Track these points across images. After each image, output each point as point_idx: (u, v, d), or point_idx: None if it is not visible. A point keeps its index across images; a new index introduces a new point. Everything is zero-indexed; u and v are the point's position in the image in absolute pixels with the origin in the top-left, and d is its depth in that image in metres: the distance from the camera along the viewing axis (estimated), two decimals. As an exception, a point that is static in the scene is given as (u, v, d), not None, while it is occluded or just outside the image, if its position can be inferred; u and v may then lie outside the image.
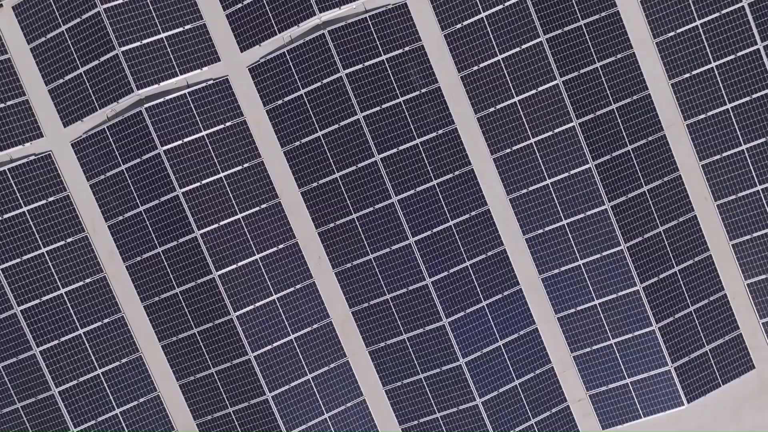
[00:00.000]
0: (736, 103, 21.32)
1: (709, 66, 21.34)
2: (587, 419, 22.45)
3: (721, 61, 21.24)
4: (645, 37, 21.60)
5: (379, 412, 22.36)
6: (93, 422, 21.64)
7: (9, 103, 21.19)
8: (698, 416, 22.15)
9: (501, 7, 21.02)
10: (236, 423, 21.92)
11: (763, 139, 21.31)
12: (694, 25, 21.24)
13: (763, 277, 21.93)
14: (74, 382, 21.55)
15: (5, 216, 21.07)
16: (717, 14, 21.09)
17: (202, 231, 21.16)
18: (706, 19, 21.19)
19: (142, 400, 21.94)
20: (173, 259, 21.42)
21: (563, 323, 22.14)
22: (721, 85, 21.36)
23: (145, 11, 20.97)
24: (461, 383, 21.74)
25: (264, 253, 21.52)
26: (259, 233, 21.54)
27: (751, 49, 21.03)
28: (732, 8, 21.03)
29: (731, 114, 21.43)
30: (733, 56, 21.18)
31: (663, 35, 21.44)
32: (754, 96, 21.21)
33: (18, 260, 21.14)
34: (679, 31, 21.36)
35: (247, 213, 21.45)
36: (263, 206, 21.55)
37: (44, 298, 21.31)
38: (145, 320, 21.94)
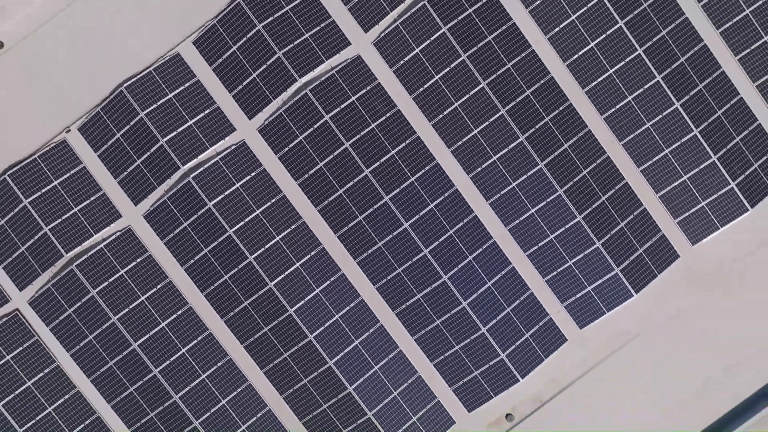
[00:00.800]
0: (615, 68, 28.56)
1: (589, 47, 28.61)
2: (567, 324, 29.62)
3: (597, 41, 28.48)
4: (539, 37, 28.74)
5: (413, 357, 29.39)
6: (208, 414, 28.96)
7: (92, 198, 28.51)
8: (646, 301, 29.33)
9: (429, 42, 28.31)
10: (312, 390, 29.22)
11: (641, 89, 28.59)
12: (571, 19, 28.52)
13: (670, 187, 29.16)
14: (188, 388, 28.88)
15: (110, 280, 28.42)
16: (585, 8, 28.41)
17: (254, 255, 28.50)
18: (578, 13, 28.43)
19: (239, 390, 29.21)
20: (238, 281, 28.74)
21: (532, 258, 29.34)
22: (601, 57, 28.64)
23: (174, 108, 28.27)
24: (468, 320, 29.04)
25: (302, 261, 28.81)
26: (295, 247, 28.82)
27: (615, 27, 28.35)
28: (595, 1, 28.35)
29: (614, 77, 28.69)
30: (604, 35, 28.45)
31: (551, 31, 28.68)
32: (626, 60, 28.49)
33: (126, 310, 28.48)
34: (561, 25, 28.55)
35: (282, 235, 28.74)
36: (293, 227, 28.83)
37: (151, 333, 28.65)
38: (227, 331, 29.14)
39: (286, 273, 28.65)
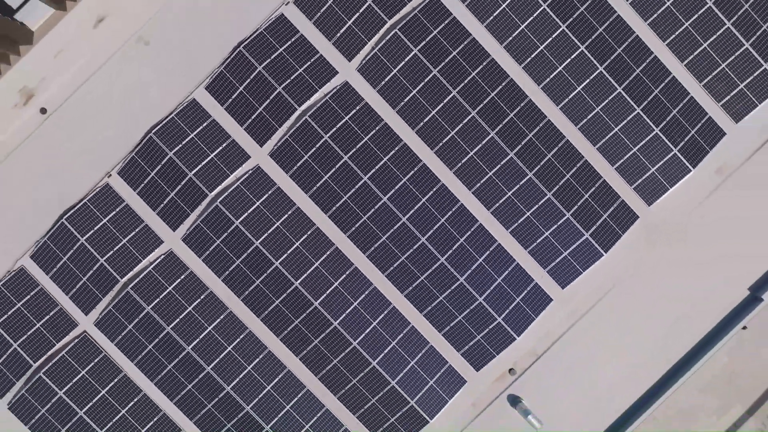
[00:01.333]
0: (564, 65, 33.58)
1: (539, 49, 33.64)
2: (551, 286, 34.40)
3: (546, 44, 33.48)
4: (496, 47, 33.79)
5: (424, 330, 34.31)
6: (257, 400, 33.99)
7: (136, 230, 33.56)
8: (615, 258, 34.26)
9: (403, 63, 33.36)
10: (341, 368, 34.23)
11: (588, 80, 33.61)
12: (521, 29, 33.57)
13: (623, 160, 34.14)
14: (236, 380, 33.88)
15: (160, 297, 33.52)
16: (531, 17, 33.45)
17: (279, 261, 33.54)
18: (526, 23, 33.46)
19: (280, 376, 34.19)
20: (268, 284, 33.77)
21: (514, 234, 34.32)
22: (551, 57, 33.64)
23: (196, 145, 33.31)
24: (466, 293, 34.02)
25: (320, 260, 33.86)
26: (312, 250, 33.85)
27: (559, 30, 33.39)
28: (539, 11, 33.39)
29: (564, 72, 33.71)
30: (550, 38, 33.45)
31: (506, 40, 33.71)
32: (572, 57, 33.52)
33: (177, 320, 33.54)
34: (514, 35, 33.58)
35: (300, 240, 33.74)
36: (309, 233, 33.85)
37: (200, 337, 33.69)
38: (264, 327, 34.18)
39: (308, 272, 33.68)
